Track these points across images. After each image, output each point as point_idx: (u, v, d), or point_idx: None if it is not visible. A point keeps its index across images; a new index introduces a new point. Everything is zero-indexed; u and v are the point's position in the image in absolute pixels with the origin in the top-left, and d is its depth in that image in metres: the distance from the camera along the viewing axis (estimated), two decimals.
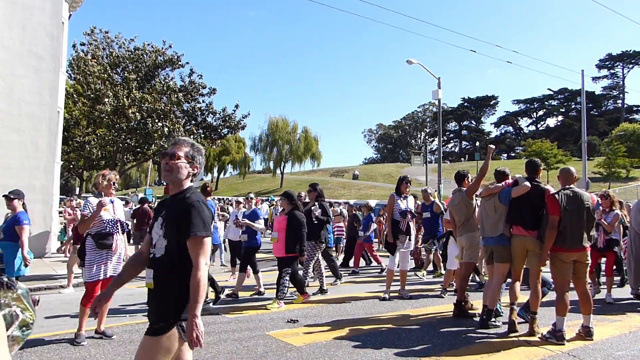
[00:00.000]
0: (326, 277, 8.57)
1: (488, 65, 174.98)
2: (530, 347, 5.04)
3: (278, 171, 70.47)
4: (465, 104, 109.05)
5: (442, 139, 28.15)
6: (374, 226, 12.45)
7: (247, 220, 8.07)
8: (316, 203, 8.17)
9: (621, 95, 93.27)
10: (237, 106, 21.60)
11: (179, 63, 21.28)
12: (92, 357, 4.59)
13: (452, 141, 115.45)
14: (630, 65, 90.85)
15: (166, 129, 19.37)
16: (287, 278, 7.17)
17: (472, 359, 4.66)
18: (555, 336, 5.17)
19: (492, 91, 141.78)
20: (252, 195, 9.23)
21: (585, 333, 5.34)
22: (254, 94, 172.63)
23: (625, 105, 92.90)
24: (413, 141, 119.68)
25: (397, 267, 7.89)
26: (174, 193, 2.70)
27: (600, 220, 7.81)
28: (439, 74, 24.12)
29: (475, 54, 24.83)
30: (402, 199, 7.87)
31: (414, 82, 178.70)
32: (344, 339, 5.30)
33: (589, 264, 5.52)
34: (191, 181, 2.73)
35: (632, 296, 8.00)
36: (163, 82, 20.82)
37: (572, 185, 5.54)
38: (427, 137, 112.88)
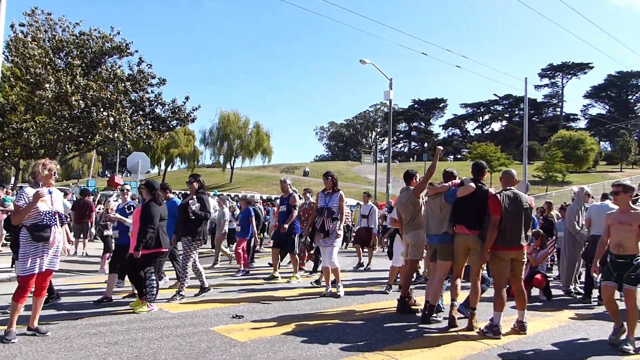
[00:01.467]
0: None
1: (439, 68, 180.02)
2: (469, 341, 5.24)
3: (228, 166, 69.44)
4: (416, 105, 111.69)
5: (392, 139, 28.69)
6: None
7: (118, 215, 7.41)
8: (194, 197, 7.34)
9: (560, 104, 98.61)
10: (187, 98, 21.00)
11: (128, 51, 20.44)
12: (23, 355, 4.35)
13: (401, 141, 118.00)
14: (569, 76, 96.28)
15: (112, 119, 18.59)
16: (153, 277, 6.38)
17: (413, 352, 4.79)
18: (492, 331, 5.40)
19: (442, 94, 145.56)
20: (128, 187, 8.48)
21: (520, 327, 5.62)
22: (205, 87, 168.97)
23: (563, 113, 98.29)
24: (364, 140, 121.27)
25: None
26: None
27: (530, 256, 7.97)
28: (392, 75, 24.74)
29: (427, 57, 25.49)
30: (325, 195, 7.90)
31: (367, 82, 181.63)
32: (289, 334, 5.30)
33: (525, 262, 5.81)
34: None
35: (562, 293, 8.50)
36: (110, 70, 19.97)
37: (512, 187, 5.80)
38: (377, 137, 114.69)
